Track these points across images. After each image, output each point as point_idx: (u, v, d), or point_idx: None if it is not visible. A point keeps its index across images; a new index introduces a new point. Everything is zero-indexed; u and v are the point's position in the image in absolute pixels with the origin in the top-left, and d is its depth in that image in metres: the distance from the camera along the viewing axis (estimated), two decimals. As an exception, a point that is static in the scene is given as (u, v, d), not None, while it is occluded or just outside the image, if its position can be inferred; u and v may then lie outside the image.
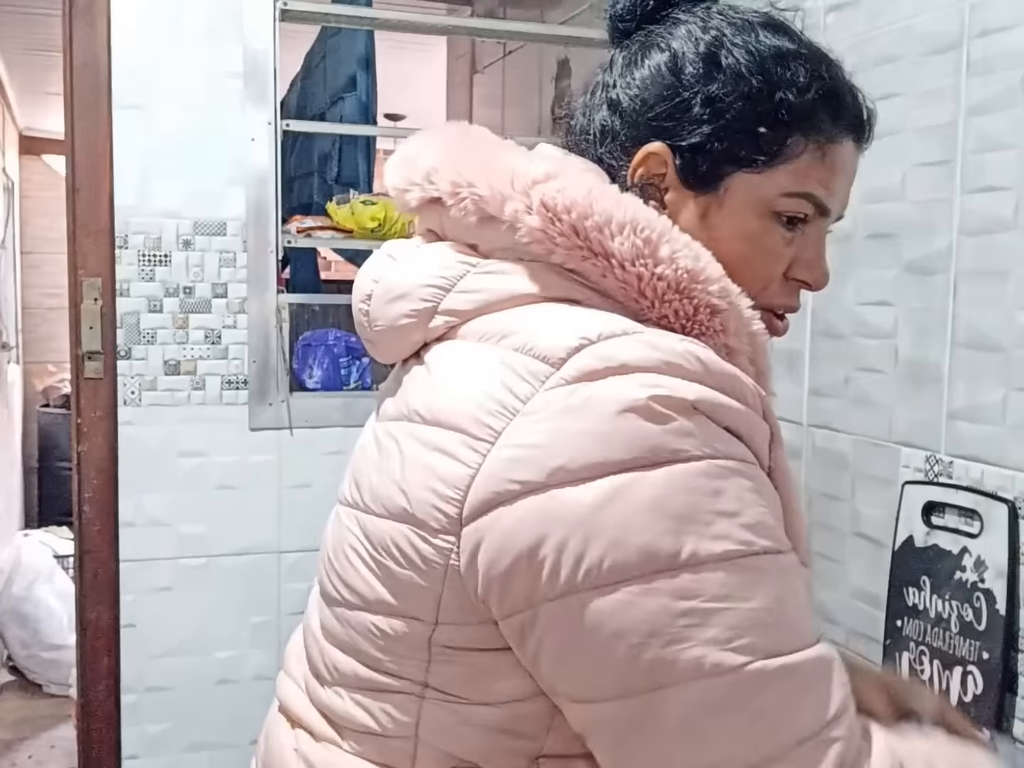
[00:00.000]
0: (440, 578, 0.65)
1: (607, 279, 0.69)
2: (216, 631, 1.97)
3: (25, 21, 3.85)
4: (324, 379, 2.08)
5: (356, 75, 2.43)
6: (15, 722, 3.40)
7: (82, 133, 1.85)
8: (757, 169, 0.74)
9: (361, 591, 0.71)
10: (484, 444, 0.64)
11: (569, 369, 0.63)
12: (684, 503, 0.60)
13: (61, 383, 5.41)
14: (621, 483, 0.60)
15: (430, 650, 0.68)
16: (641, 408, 0.61)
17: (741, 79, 0.73)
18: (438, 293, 0.73)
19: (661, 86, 0.75)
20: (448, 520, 0.64)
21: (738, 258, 0.75)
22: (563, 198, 0.68)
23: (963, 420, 1.34)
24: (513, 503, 0.62)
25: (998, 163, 1.28)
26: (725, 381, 0.64)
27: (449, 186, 0.73)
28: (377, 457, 0.73)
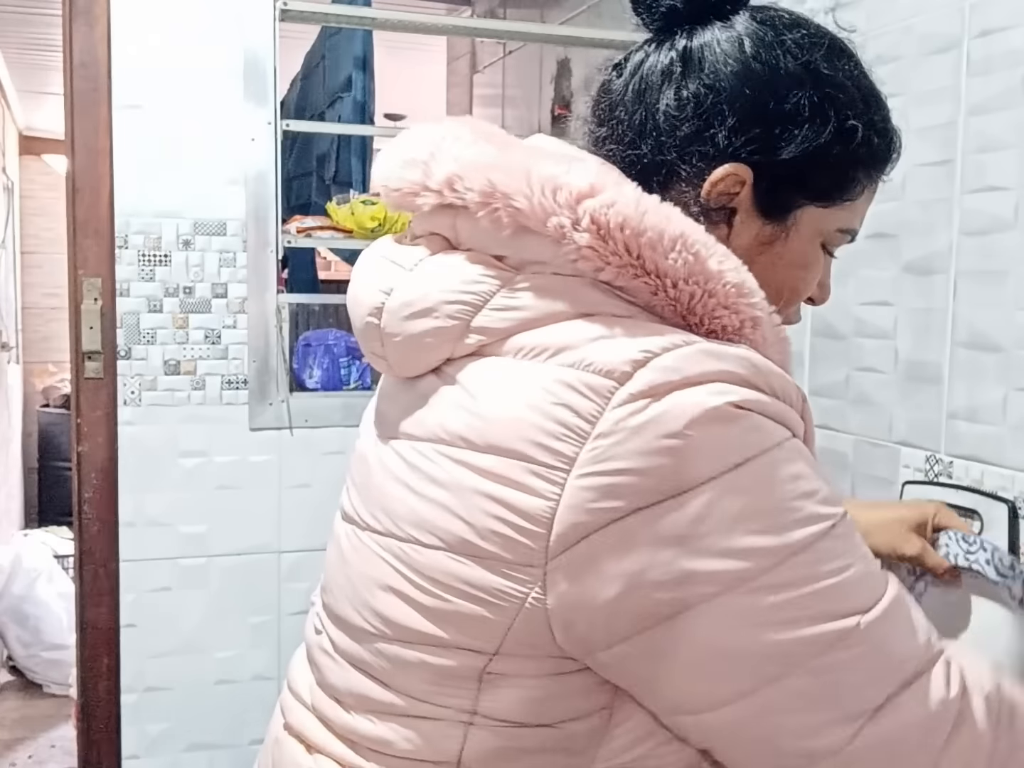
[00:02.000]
0: (514, 611, 0.64)
1: (658, 296, 0.67)
2: (216, 631, 1.97)
3: (25, 21, 3.85)
4: (324, 379, 2.08)
5: (352, 75, 2.43)
6: (15, 722, 3.40)
7: (82, 133, 1.85)
8: (827, 204, 0.76)
9: (401, 623, 0.69)
10: (558, 472, 0.62)
11: (636, 383, 0.62)
12: (773, 498, 0.62)
13: (61, 383, 5.41)
14: (713, 494, 0.61)
15: (481, 680, 0.67)
16: (715, 416, 0.61)
17: (842, 120, 0.74)
18: (467, 310, 0.69)
19: (760, 108, 0.72)
20: (528, 554, 0.63)
21: (791, 284, 0.77)
22: (614, 214, 0.65)
23: (963, 420, 1.34)
24: (605, 531, 0.61)
25: (998, 163, 1.28)
26: (776, 383, 0.66)
27: (480, 196, 0.69)
28: (411, 481, 0.70)
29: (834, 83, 0.74)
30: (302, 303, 2.10)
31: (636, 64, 0.77)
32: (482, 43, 3.09)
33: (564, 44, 2.45)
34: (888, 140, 0.77)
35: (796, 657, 0.62)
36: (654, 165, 0.74)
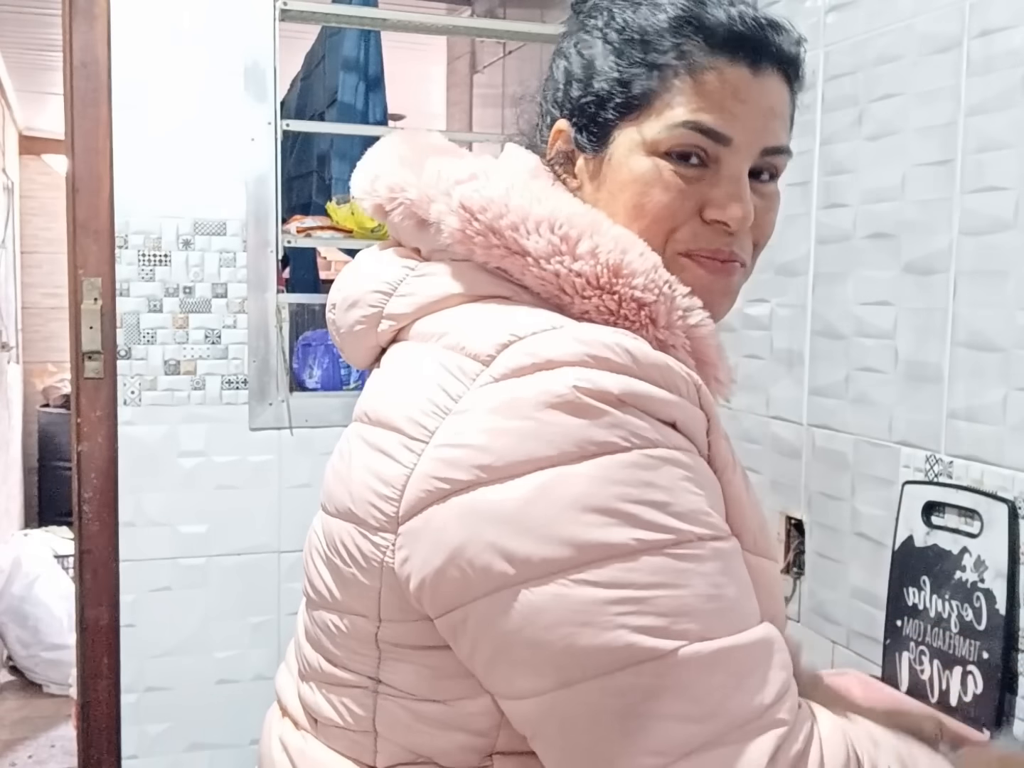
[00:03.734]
0: (377, 575, 0.67)
1: (526, 276, 0.69)
2: (216, 631, 1.97)
3: (25, 21, 3.85)
4: (324, 379, 2.08)
5: (342, 77, 2.43)
6: (15, 722, 3.40)
7: (82, 133, 1.85)
8: (635, 115, 0.73)
9: (320, 589, 0.74)
10: (419, 444, 0.65)
11: (498, 366, 0.64)
12: (612, 495, 0.60)
13: (61, 383, 5.41)
14: (548, 479, 0.60)
15: (378, 647, 0.70)
16: (566, 402, 0.61)
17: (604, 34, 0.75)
18: (382, 298, 0.75)
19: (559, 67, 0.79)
20: (386, 519, 0.66)
21: (633, 204, 0.73)
22: (479, 197, 0.69)
23: (963, 420, 1.34)
24: (444, 502, 0.63)
25: (998, 163, 1.28)
26: (655, 372, 0.64)
27: (387, 191, 0.76)
28: (337, 459, 0.76)
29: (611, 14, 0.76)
30: (302, 303, 2.10)
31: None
32: (482, 43, 3.08)
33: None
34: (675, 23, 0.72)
35: (593, 665, 0.59)
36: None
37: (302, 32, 2.54)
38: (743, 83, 0.72)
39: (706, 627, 0.60)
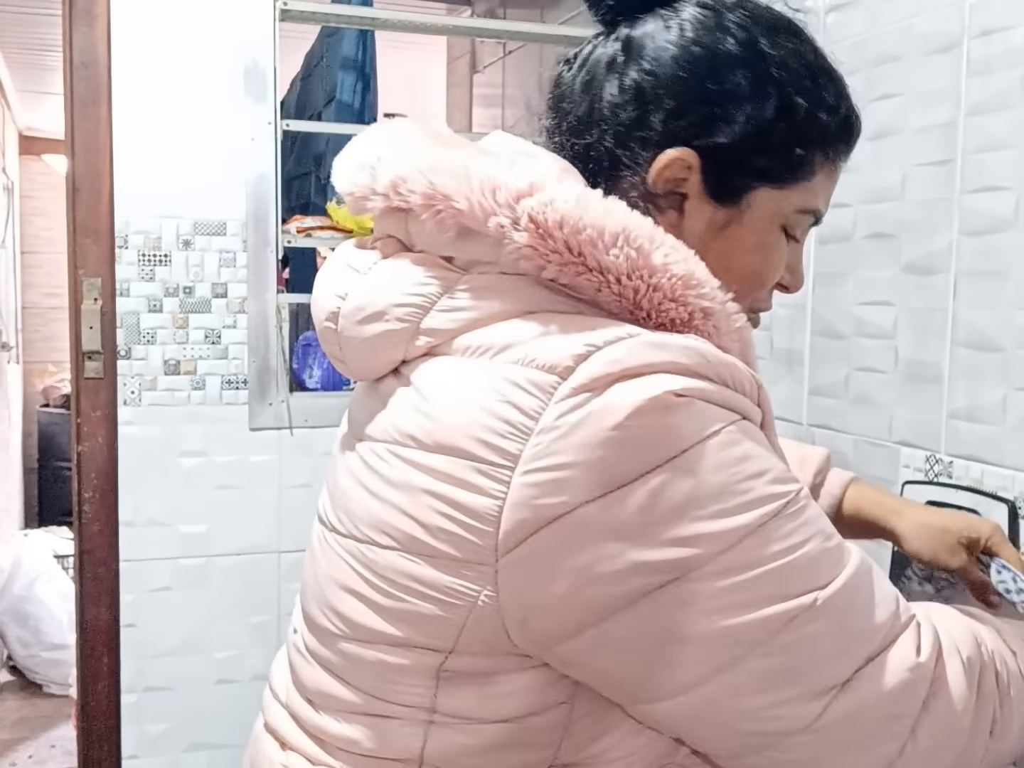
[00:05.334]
0: (467, 609, 0.64)
1: (602, 293, 0.67)
2: (215, 631, 1.97)
3: (25, 21, 3.85)
4: (324, 379, 2.08)
5: (340, 76, 2.43)
6: (15, 722, 3.40)
7: (82, 133, 1.85)
8: (781, 186, 0.74)
9: (359, 622, 0.69)
10: (503, 471, 0.61)
11: (579, 377, 0.61)
12: (719, 483, 0.61)
13: (61, 383, 5.41)
14: (657, 483, 0.60)
15: (438, 677, 0.67)
16: (656, 406, 0.61)
17: (785, 97, 0.72)
18: (416, 312, 0.70)
19: (698, 90, 0.72)
20: (478, 552, 0.62)
21: (750, 268, 0.76)
22: (552, 212, 0.65)
23: (963, 420, 1.34)
24: (552, 526, 0.61)
25: (998, 163, 1.28)
26: (725, 371, 0.65)
27: (422, 199, 0.69)
28: (369, 482, 0.70)
29: (776, 61, 0.73)
30: (302, 303, 2.09)
31: (584, 57, 0.77)
32: (482, 43, 3.08)
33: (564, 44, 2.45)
34: (842, 118, 0.75)
35: (753, 639, 0.61)
36: (600, 154, 0.74)
37: (302, 32, 2.54)
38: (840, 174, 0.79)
39: (828, 569, 0.64)
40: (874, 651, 0.64)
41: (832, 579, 0.63)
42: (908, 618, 0.66)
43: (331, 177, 0.82)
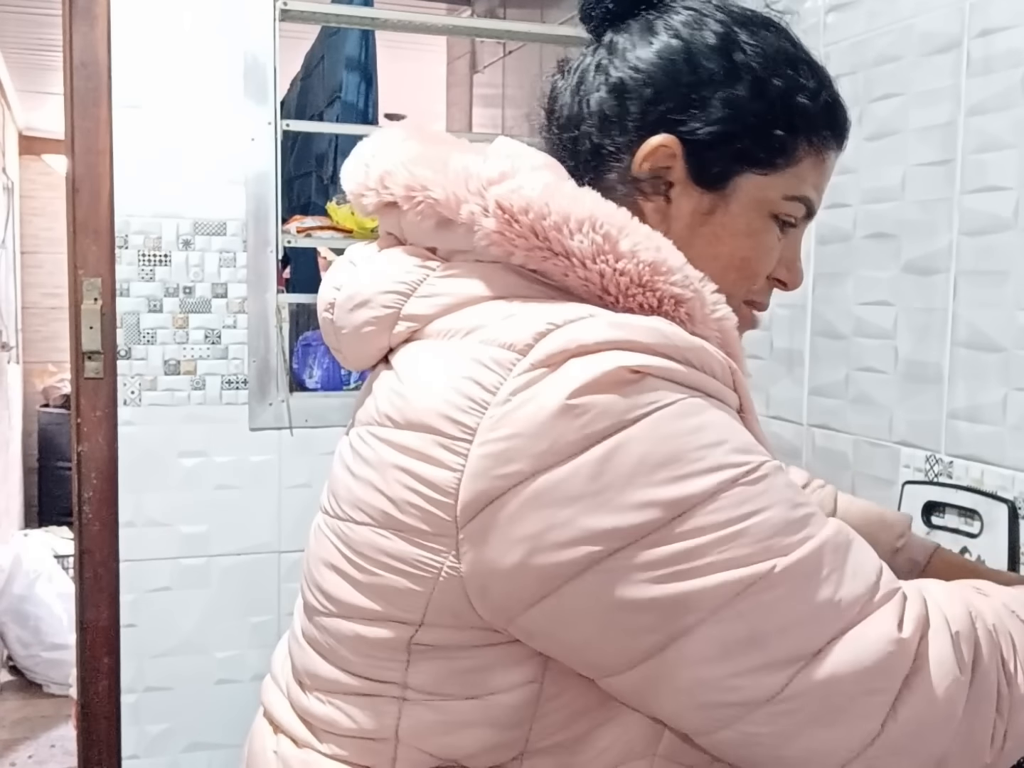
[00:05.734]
0: (432, 581, 0.65)
1: (569, 278, 0.68)
2: (216, 631, 1.97)
3: (25, 21, 3.85)
4: (324, 379, 2.08)
5: (345, 77, 2.43)
6: (15, 722, 3.41)
7: (82, 133, 1.85)
8: (766, 170, 0.75)
9: (339, 598, 0.72)
10: (462, 443, 0.63)
11: (536, 353, 0.63)
12: (671, 449, 0.61)
13: (61, 383, 5.41)
14: (606, 450, 0.61)
15: (409, 651, 0.68)
16: (608, 379, 0.62)
17: (760, 80, 0.74)
18: (399, 299, 0.73)
19: (675, 77, 0.74)
20: (441, 524, 0.64)
21: (738, 256, 0.77)
22: (519, 198, 0.67)
23: (963, 420, 1.34)
24: (507, 496, 0.62)
25: (998, 163, 1.28)
26: (691, 354, 0.65)
27: (403, 190, 0.72)
28: (352, 463, 0.73)
29: (752, 48, 0.75)
30: (302, 303, 2.09)
31: (576, 65, 0.81)
32: (482, 43, 3.08)
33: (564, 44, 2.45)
34: (823, 104, 0.77)
35: (708, 605, 0.61)
36: (586, 148, 0.77)
37: (302, 32, 2.54)
38: (833, 166, 0.80)
39: (794, 537, 0.62)
40: (848, 623, 0.62)
41: (795, 547, 0.62)
42: (891, 591, 0.64)
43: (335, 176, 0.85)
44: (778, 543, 0.62)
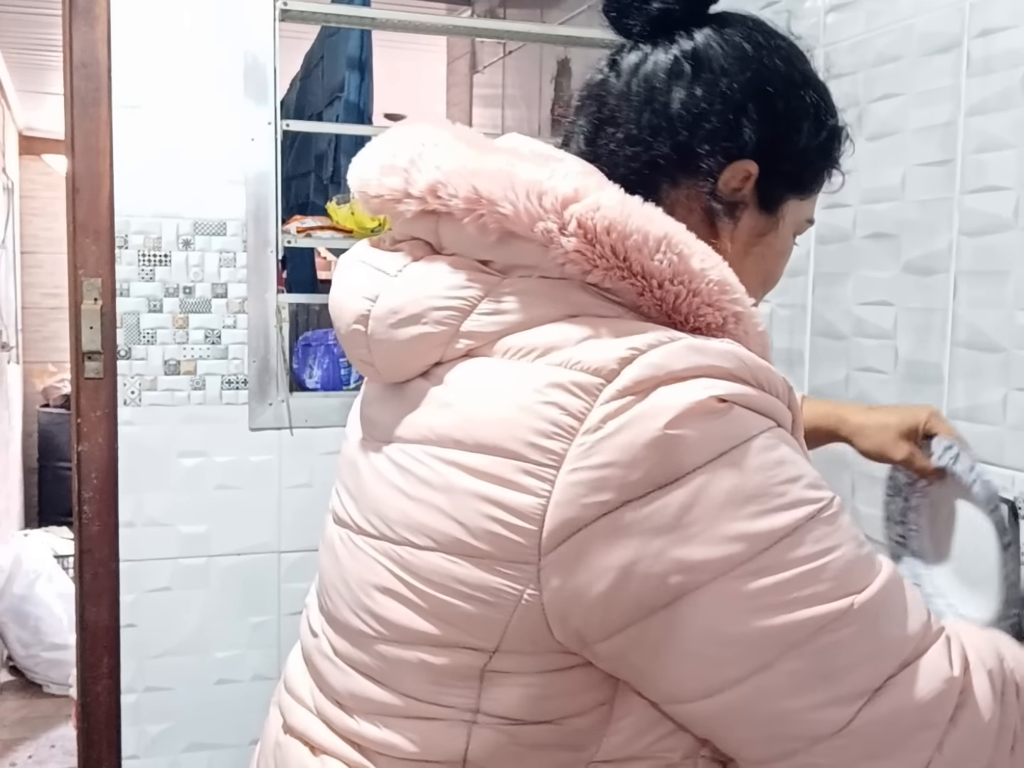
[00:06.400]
0: (510, 608, 0.65)
1: (644, 297, 0.68)
2: (216, 631, 1.97)
3: (25, 21, 3.85)
4: (324, 379, 2.08)
5: (348, 76, 2.43)
6: (15, 722, 3.41)
7: (82, 133, 1.85)
8: (804, 196, 0.82)
9: (399, 624, 0.70)
10: (548, 470, 0.63)
11: (623, 380, 0.63)
12: (758, 483, 0.63)
13: (61, 383, 5.41)
14: (699, 484, 0.62)
15: (482, 678, 0.67)
16: (700, 409, 0.62)
17: (823, 116, 0.80)
18: (456, 316, 0.70)
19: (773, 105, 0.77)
20: (522, 551, 0.63)
21: (773, 273, 0.84)
22: (600, 218, 0.66)
23: (963, 420, 1.34)
24: (595, 524, 0.62)
25: (998, 163, 1.28)
26: (761, 375, 0.67)
27: (464, 202, 0.69)
28: (403, 484, 0.70)
29: (817, 86, 0.81)
30: (302, 303, 2.10)
31: (634, 65, 0.78)
32: (482, 43, 3.09)
33: (564, 44, 2.45)
34: (843, 134, 0.83)
35: (790, 640, 0.62)
36: (671, 161, 0.76)
37: (302, 32, 2.54)
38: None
39: (863, 575, 0.65)
40: (906, 659, 0.64)
41: (867, 584, 0.64)
42: (938, 629, 0.67)
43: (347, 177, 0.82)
44: (853, 581, 0.64)
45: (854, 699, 0.63)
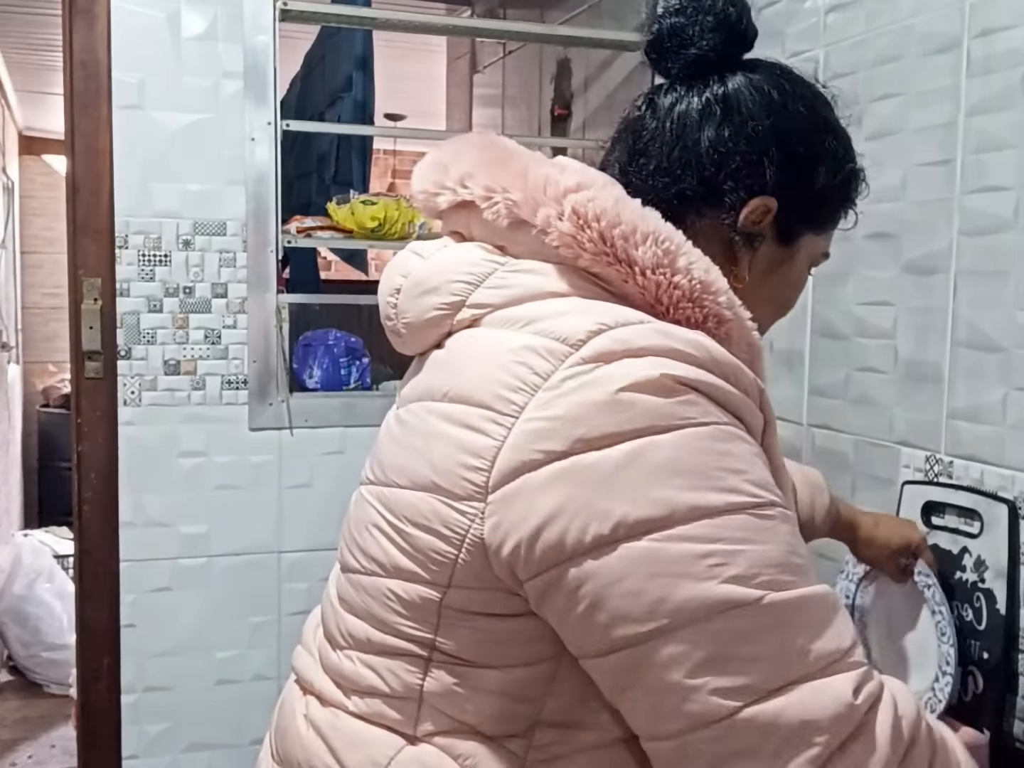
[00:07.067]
0: (459, 543, 0.71)
1: (628, 284, 0.74)
2: (216, 631, 1.97)
3: (25, 21, 3.85)
4: (324, 379, 2.08)
5: (352, 75, 2.43)
6: (15, 722, 3.41)
7: (82, 133, 1.85)
8: (820, 232, 0.88)
9: (378, 558, 0.77)
10: (509, 418, 0.69)
11: (587, 350, 0.69)
12: (696, 462, 0.67)
13: (61, 383, 5.41)
14: (637, 447, 0.66)
15: (439, 613, 0.73)
16: (653, 384, 0.67)
17: (842, 161, 0.85)
18: (467, 288, 0.79)
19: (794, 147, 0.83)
20: (474, 488, 0.70)
21: (786, 301, 0.90)
22: (593, 207, 0.73)
23: (963, 420, 1.34)
24: (538, 470, 0.68)
25: (998, 163, 1.28)
26: (728, 370, 0.71)
27: (483, 191, 0.79)
28: (399, 434, 0.80)
29: (837, 131, 0.87)
30: (302, 303, 2.09)
31: (669, 104, 0.85)
32: (482, 43, 3.09)
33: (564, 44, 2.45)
34: (862, 180, 0.90)
35: (691, 612, 0.64)
36: (698, 194, 0.82)
37: (302, 32, 2.54)
38: None
39: (787, 578, 0.66)
40: (811, 674, 0.65)
41: (787, 588, 0.66)
42: (858, 663, 0.67)
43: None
44: (771, 578, 0.66)
45: (743, 693, 0.64)
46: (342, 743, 0.77)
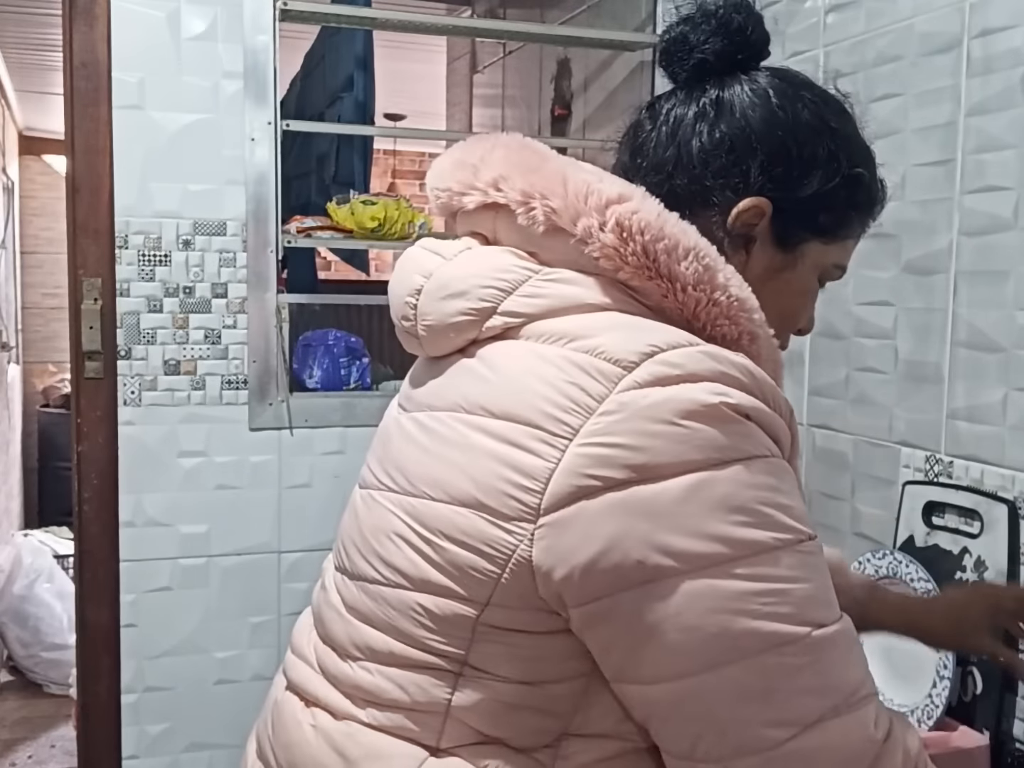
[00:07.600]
0: (504, 563, 0.69)
1: (667, 299, 0.74)
2: (216, 631, 1.97)
3: (25, 21, 3.85)
4: (324, 379, 2.08)
5: (353, 75, 2.43)
6: (15, 722, 3.40)
7: (82, 133, 1.85)
8: (829, 240, 0.85)
9: (404, 569, 0.75)
10: (562, 440, 0.68)
11: (642, 372, 0.68)
12: (752, 497, 0.67)
13: (61, 383, 5.40)
14: (697, 480, 0.66)
15: (475, 630, 0.72)
16: (711, 412, 0.67)
17: (846, 166, 0.83)
18: (498, 294, 0.77)
19: (783, 150, 0.81)
20: (524, 509, 0.69)
21: (791, 310, 0.87)
22: (637, 219, 0.73)
23: (963, 420, 1.34)
24: (595, 498, 0.67)
25: (998, 163, 1.28)
26: (769, 393, 0.71)
27: (520, 195, 0.77)
28: (426, 443, 0.77)
29: (842, 136, 0.84)
30: (302, 303, 2.09)
31: (668, 108, 0.86)
32: (482, 43, 3.09)
33: (564, 44, 2.45)
34: (879, 189, 0.87)
35: (743, 648, 0.65)
36: (688, 193, 0.82)
37: (302, 32, 2.54)
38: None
39: (826, 613, 0.69)
40: (842, 706, 0.67)
41: (826, 623, 0.68)
42: (873, 693, 0.70)
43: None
44: (814, 614, 0.67)
45: (787, 725, 0.66)
46: (360, 755, 0.75)
